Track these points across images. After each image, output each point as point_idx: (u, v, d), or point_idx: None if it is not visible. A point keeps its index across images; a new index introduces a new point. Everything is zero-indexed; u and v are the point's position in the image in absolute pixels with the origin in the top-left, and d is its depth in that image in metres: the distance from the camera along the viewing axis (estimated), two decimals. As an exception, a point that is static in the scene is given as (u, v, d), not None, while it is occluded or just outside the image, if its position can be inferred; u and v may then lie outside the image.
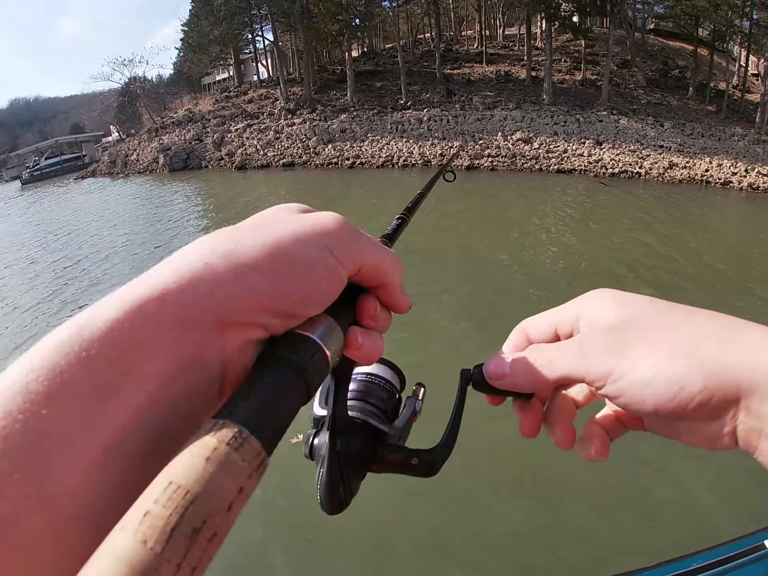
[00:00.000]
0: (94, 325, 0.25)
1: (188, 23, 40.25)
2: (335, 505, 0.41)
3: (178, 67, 49.38)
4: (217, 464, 0.22)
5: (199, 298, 0.27)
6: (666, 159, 22.22)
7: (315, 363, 0.30)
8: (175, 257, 0.30)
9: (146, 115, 42.16)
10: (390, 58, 36.90)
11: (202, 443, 0.22)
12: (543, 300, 7.44)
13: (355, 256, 0.34)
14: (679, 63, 35.15)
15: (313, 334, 0.31)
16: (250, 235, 0.32)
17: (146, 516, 0.19)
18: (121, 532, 0.19)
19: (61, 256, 12.79)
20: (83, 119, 77.55)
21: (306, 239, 0.32)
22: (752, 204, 18.05)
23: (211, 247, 0.30)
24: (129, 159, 31.45)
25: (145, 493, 0.21)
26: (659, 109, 28.43)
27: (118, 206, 18.82)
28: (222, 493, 0.21)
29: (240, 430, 0.23)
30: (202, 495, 0.20)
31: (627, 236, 11.60)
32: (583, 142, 23.61)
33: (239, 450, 0.23)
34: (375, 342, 0.37)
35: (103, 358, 0.24)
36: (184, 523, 0.19)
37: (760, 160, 22.67)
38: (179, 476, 0.21)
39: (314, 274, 0.32)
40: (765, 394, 0.31)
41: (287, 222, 0.33)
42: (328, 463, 0.41)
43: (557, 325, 0.44)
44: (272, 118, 29.87)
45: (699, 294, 7.90)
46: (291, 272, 0.31)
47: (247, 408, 0.25)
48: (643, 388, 0.35)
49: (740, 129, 26.37)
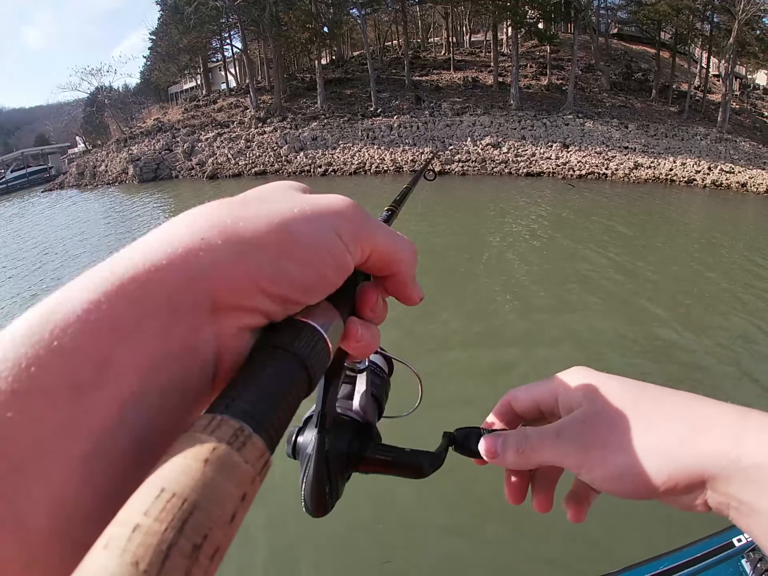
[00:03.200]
0: (67, 309, 0.21)
1: (157, 32, 39.84)
2: (320, 507, 0.38)
3: (145, 76, 48.89)
4: (218, 467, 0.19)
5: (192, 277, 0.24)
6: (631, 160, 22.80)
7: (318, 353, 0.28)
8: (165, 228, 0.27)
9: (114, 125, 41.58)
10: (359, 66, 37.00)
11: (198, 443, 0.20)
12: (514, 302, 7.62)
13: (365, 242, 0.32)
14: (642, 66, 36.01)
15: (315, 323, 0.29)
16: (253, 209, 0.28)
17: (136, 531, 0.16)
18: (104, 552, 0.16)
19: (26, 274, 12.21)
20: (49, 130, 76.19)
21: (314, 220, 0.29)
22: (715, 199, 18.73)
23: (208, 219, 0.27)
24: (97, 170, 30.86)
25: (132, 503, 0.18)
26: (623, 111, 29.14)
27: (87, 220, 18.46)
28: (224, 502, 0.18)
29: (241, 426, 0.21)
30: (201, 504, 0.18)
31: (595, 230, 11.92)
32: (550, 146, 24.06)
33: (241, 450, 0.20)
34: (372, 335, 0.34)
35: (78, 348, 0.21)
36: (183, 539, 0.17)
37: (722, 158, 23.46)
38: (173, 482, 0.18)
39: (321, 260, 0.29)
40: (727, 479, 0.34)
41: (293, 199, 0.30)
42: (315, 463, 0.38)
43: (539, 403, 0.47)
44: (243, 126, 29.70)
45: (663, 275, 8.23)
46: (296, 255, 0.28)
47: (247, 401, 0.22)
48: (612, 481, 0.38)
49: (702, 128, 27.20)
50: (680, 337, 6.52)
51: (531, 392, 0.47)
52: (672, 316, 7.16)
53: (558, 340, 6.31)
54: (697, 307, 7.65)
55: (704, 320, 7.17)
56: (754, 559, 2.30)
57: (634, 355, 6.04)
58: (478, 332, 6.60)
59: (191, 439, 0.20)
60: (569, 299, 7.81)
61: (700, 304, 7.78)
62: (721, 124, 27.26)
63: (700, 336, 6.56)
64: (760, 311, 7.48)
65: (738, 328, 6.88)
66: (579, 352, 5.98)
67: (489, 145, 24.38)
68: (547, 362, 5.69)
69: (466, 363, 5.80)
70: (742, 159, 23.94)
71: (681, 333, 6.62)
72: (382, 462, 0.42)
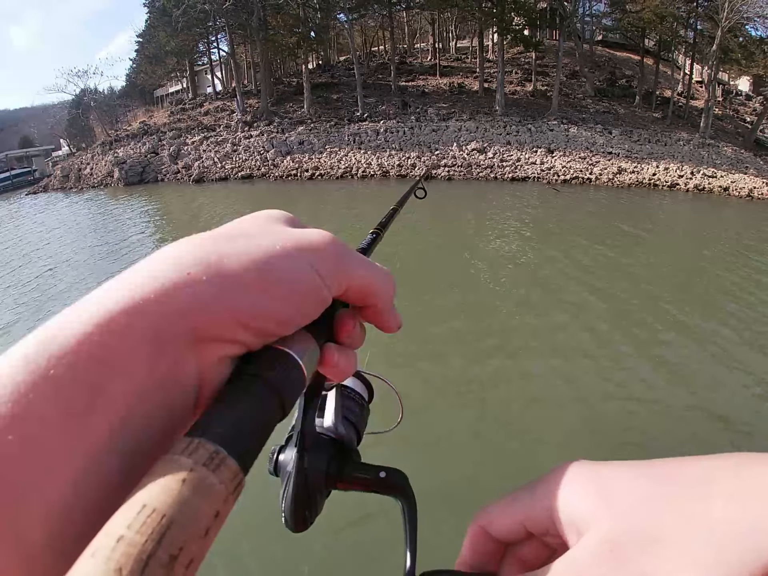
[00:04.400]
0: (61, 340, 0.23)
1: (144, 34, 39.69)
2: (300, 522, 0.39)
3: (131, 78, 48.65)
4: (193, 487, 0.21)
5: (177, 311, 0.26)
6: (615, 165, 23.05)
7: (292, 380, 0.29)
8: (151, 262, 0.28)
9: (99, 128, 41.29)
10: (345, 71, 37.12)
11: (177, 464, 0.21)
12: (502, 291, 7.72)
13: (342, 277, 0.33)
14: (626, 72, 36.46)
15: (291, 350, 0.30)
16: (238, 245, 0.30)
17: (119, 542, 0.18)
18: (90, 560, 0.18)
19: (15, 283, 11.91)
20: (33, 133, 75.55)
21: (294, 257, 0.31)
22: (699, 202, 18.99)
23: (194, 255, 0.28)
24: (82, 173, 30.57)
25: (116, 518, 0.19)
26: (607, 117, 29.43)
27: (73, 224, 18.21)
28: (199, 518, 0.20)
29: (216, 450, 0.22)
30: (178, 520, 0.19)
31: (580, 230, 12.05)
32: (535, 151, 24.25)
33: (216, 472, 0.22)
34: (349, 360, 0.36)
35: (71, 377, 0.22)
36: (161, 551, 0.18)
37: (705, 163, 23.79)
38: (154, 499, 0.20)
39: (299, 295, 0.30)
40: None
41: (274, 235, 0.32)
42: (294, 481, 0.39)
43: (527, 523, 0.34)
44: (229, 130, 29.64)
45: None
46: (275, 291, 0.29)
47: (222, 426, 0.24)
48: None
49: (685, 134, 27.54)
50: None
51: (512, 512, 0.35)
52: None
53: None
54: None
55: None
56: None
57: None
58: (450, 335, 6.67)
59: (171, 461, 0.21)
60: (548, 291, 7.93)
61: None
62: (703, 130, 27.61)
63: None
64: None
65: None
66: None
67: (475, 150, 24.52)
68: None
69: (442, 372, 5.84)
70: (724, 164, 24.28)
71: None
72: (359, 481, 0.42)
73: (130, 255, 12.15)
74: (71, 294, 9.44)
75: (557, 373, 5.73)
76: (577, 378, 5.64)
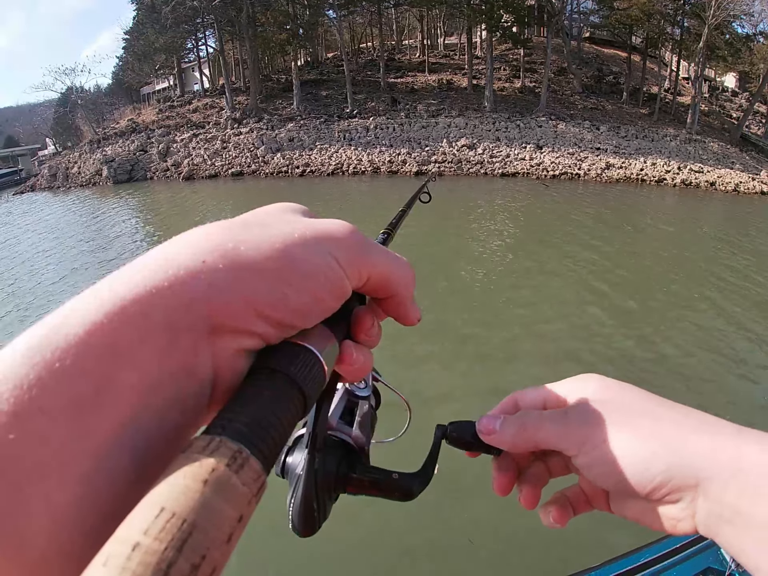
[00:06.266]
0: (68, 329, 0.22)
1: (131, 31, 39.32)
2: (308, 527, 0.38)
3: (118, 76, 48.25)
4: (216, 489, 0.19)
5: (192, 300, 0.24)
6: (603, 160, 23.27)
7: (313, 377, 0.28)
8: (166, 249, 0.27)
9: (86, 126, 40.91)
10: (334, 67, 37.09)
11: (198, 464, 0.20)
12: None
13: (362, 267, 0.32)
14: (613, 69, 36.67)
15: (311, 346, 0.29)
16: (254, 234, 0.28)
17: (135, 550, 0.16)
18: (102, 569, 0.16)
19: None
20: (18, 132, 74.80)
21: (313, 246, 0.29)
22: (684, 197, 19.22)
23: (210, 241, 0.27)
24: (70, 172, 30.28)
25: (130, 521, 0.18)
26: (595, 113, 29.66)
27: (62, 225, 17.96)
28: (222, 523, 0.19)
29: (239, 449, 0.21)
30: (200, 524, 0.18)
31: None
32: (524, 147, 24.41)
33: (239, 473, 0.20)
34: (366, 359, 0.34)
35: (78, 369, 0.21)
36: (181, 559, 0.17)
37: (691, 158, 24.06)
38: (173, 502, 0.18)
39: (319, 286, 0.29)
40: (725, 483, 0.33)
41: (293, 224, 0.30)
42: (304, 483, 0.38)
43: (546, 400, 0.46)
44: (218, 127, 29.49)
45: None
46: (295, 281, 0.28)
47: (244, 423, 0.23)
48: (611, 462, 0.38)
49: (672, 130, 27.81)
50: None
51: (539, 390, 0.47)
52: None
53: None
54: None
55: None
56: None
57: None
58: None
59: (190, 460, 0.20)
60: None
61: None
62: (690, 126, 27.91)
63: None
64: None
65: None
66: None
67: (464, 147, 24.65)
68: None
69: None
70: (710, 159, 24.60)
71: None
72: (370, 484, 0.42)
73: (125, 254, 12.11)
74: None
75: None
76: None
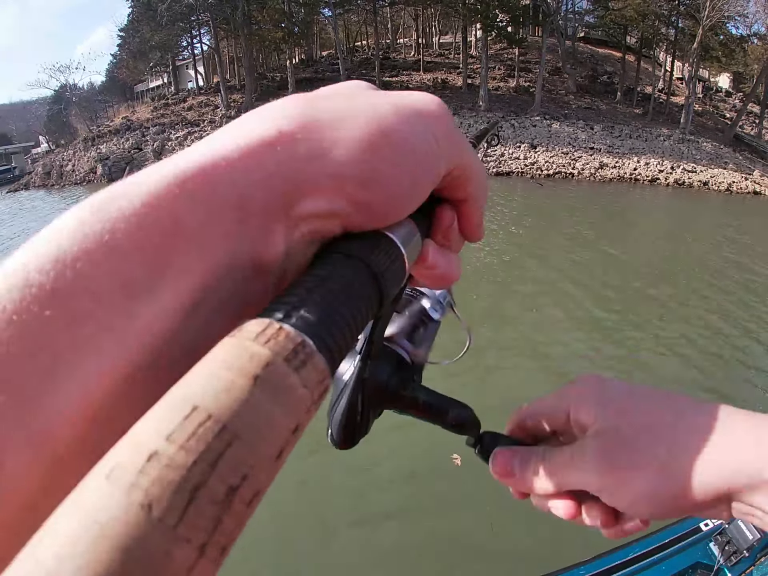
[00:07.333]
0: (124, 203, 0.18)
1: (126, 29, 39.20)
2: (348, 439, 0.36)
3: (112, 74, 48.10)
4: (270, 388, 0.15)
5: (267, 176, 0.21)
6: (597, 160, 23.31)
7: (394, 271, 0.24)
8: (237, 122, 0.24)
9: (80, 123, 40.75)
10: (329, 65, 36.97)
11: (248, 355, 0.15)
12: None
13: (454, 153, 0.27)
14: (608, 69, 36.76)
15: (394, 236, 0.25)
16: (339, 103, 0.25)
17: (152, 460, 0.12)
18: (104, 483, 0.12)
19: None
20: (12, 130, 74.44)
21: (411, 119, 0.25)
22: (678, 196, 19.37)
23: (286, 111, 0.23)
24: (64, 170, 30.09)
25: (151, 420, 0.14)
26: (589, 113, 29.68)
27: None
28: (273, 433, 0.14)
29: (303, 341, 0.16)
30: (244, 434, 0.13)
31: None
32: (518, 146, 24.40)
33: (300, 371, 0.16)
34: (449, 264, 0.30)
35: (134, 246, 0.18)
36: (214, 479, 0.12)
37: (684, 158, 24.14)
38: (210, 399, 0.14)
39: (417, 164, 0.25)
40: (751, 490, 0.33)
41: (382, 96, 0.26)
42: (351, 390, 0.35)
43: (548, 422, 0.44)
44: (213, 125, 29.34)
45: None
46: (390, 157, 0.24)
47: (311, 311, 0.18)
48: (634, 503, 0.37)
49: (666, 130, 27.84)
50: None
51: (537, 410, 0.44)
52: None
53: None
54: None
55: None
56: (721, 542, 2.38)
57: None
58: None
59: (239, 349, 0.16)
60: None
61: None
62: (684, 126, 27.97)
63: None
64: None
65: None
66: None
67: (459, 145, 24.60)
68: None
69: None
70: (704, 159, 24.65)
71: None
72: (422, 405, 0.39)
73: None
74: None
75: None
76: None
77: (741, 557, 2.32)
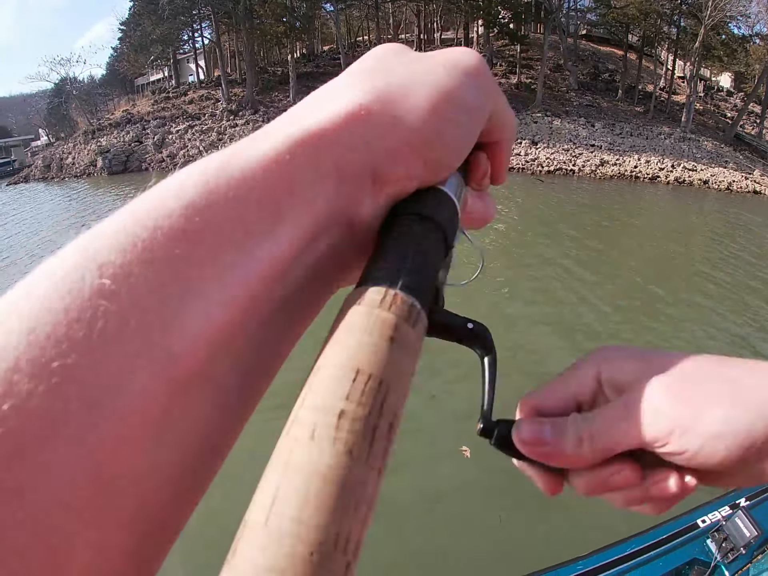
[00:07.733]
0: (244, 160, 0.21)
1: (128, 22, 39.06)
2: None
3: (112, 67, 47.93)
4: (402, 346, 0.19)
5: (357, 145, 0.24)
6: (597, 157, 23.29)
7: (454, 225, 0.27)
8: (325, 95, 0.27)
9: (80, 117, 40.60)
10: (330, 60, 36.86)
11: (381, 321, 0.19)
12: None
13: (494, 101, 0.30)
14: (609, 67, 36.65)
15: (450, 192, 0.27)
16: (399, 72, 0.27)
17: (342, 418, 0.16)
18: (311, 443, 0.16)
19: None
20: (11, 123, 74.24)
21: (463, 80, 0.27)
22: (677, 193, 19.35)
23: (364, 84, 0.26)
24: (64, 163, 30.01)
25: (326, 387, 0.17)
26: (590, 110, 29.62)
27: (56, 217, 17.82)
28: (406, 380, 0.18)
29: (413, 303, 0.20)
30: (393, 384, 0.17)
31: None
32: (519, 143, 24.35)
33: (416, 328, 0.20)
34: (487, 207, 0.33)
35: (254, 199, 0.20)
36: (383, 421, 0.17)
37: (685, 157, 24.11)
38: (365, 363, 0.17)
39: (473, 119, 0.28)
40: None
41: (428, 58, 0.29)
42: None
43: (576, 396, 0.37)
44: (214, 119, 29.32)
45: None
46: (452, 116, 0.26)
47: (413, 276, 0.21)
48: (712, 439, 0.31)
49: (667, 128, 27.83)
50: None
51: (560, 387, 0.37)
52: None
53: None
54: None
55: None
56: (719, 538, 2.39)
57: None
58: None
59: (371, 316, 0.19)
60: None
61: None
62: (684, 124, 27.92)
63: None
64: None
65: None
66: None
67: (460, 142, 24.57)
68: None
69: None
70: (704, 157, 24.62)
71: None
72: (444, 327, 0.36)
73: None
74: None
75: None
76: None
77: (738, 554, 2.33)
